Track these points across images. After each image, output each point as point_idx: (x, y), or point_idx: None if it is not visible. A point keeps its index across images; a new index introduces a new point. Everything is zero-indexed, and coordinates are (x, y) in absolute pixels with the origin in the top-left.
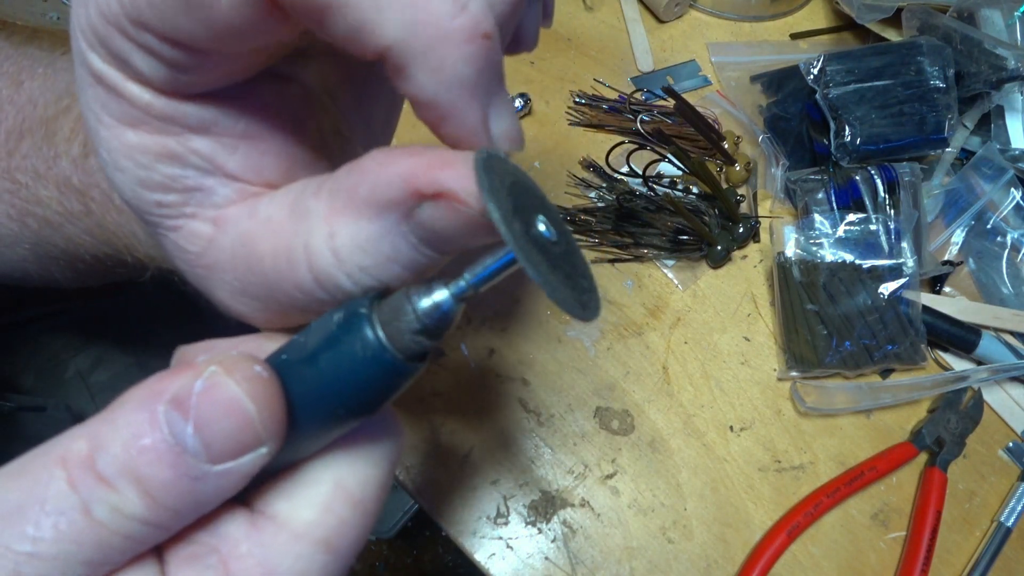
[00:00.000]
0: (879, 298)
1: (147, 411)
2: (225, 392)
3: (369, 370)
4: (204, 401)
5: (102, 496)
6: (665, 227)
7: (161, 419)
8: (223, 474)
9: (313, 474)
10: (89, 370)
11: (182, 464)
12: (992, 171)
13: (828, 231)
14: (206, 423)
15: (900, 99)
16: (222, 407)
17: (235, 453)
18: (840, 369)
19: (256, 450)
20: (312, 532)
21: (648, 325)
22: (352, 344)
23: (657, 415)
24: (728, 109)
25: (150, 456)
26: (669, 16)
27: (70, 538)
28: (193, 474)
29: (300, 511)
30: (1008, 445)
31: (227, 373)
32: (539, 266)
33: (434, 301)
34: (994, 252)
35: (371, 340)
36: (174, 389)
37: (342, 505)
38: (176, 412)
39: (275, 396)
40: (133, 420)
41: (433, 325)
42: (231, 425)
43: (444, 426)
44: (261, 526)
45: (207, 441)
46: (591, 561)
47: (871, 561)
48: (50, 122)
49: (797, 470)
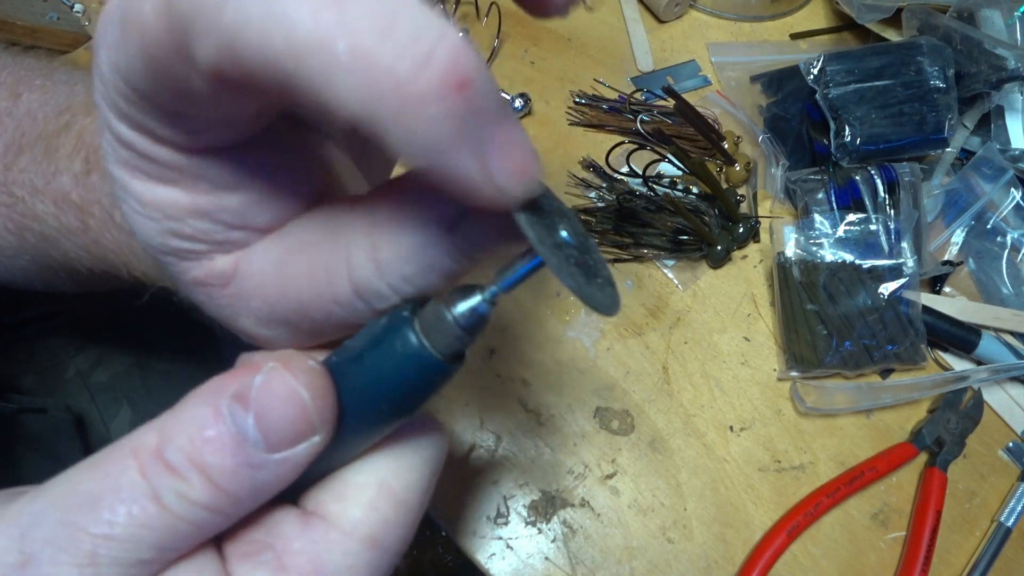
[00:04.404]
0: (879, 298)
1: (211, 405)
2: (283, 383)
3: (412, 369)
4: (264, 393)
5: (170, 484)
6: (665, 227)
7: (225, 411)
8: (280, 462)
9: (359, 476)
10: (89, 370)
11: (243, 453)
12: (992, 171)
13: (828, 231)
14: (265, 414)
15: (900, 99)
16: (280, 397)
17: (292, 441)
18: (840, 369)
19: (310, 439)
20: (359, 530)
21: (648, 325)
22: (396, 345)
23: (657, 415)
24: (728, 109)
25: (214, 446)
26: (669, 16)
27: (141, 523)
28: (253, 462)
29: (348, 510)
30: (1008, 445)
31: (284, 367)
32: (566, 270)
33: (470, 305)
34: (994, 252)
35: (413, 341)
36: (236, 385)
37: (387, 504)
38: (238, 405)
39: (327, 387)
40: (198, 414)
41: (470, 327)
42: (288, 414)
43: (444, 426)
44: (312, 524)
45: (266, 431)
46: (591, 561)
47: (871, 561)
48: (51, 138)
49: (797, 470)
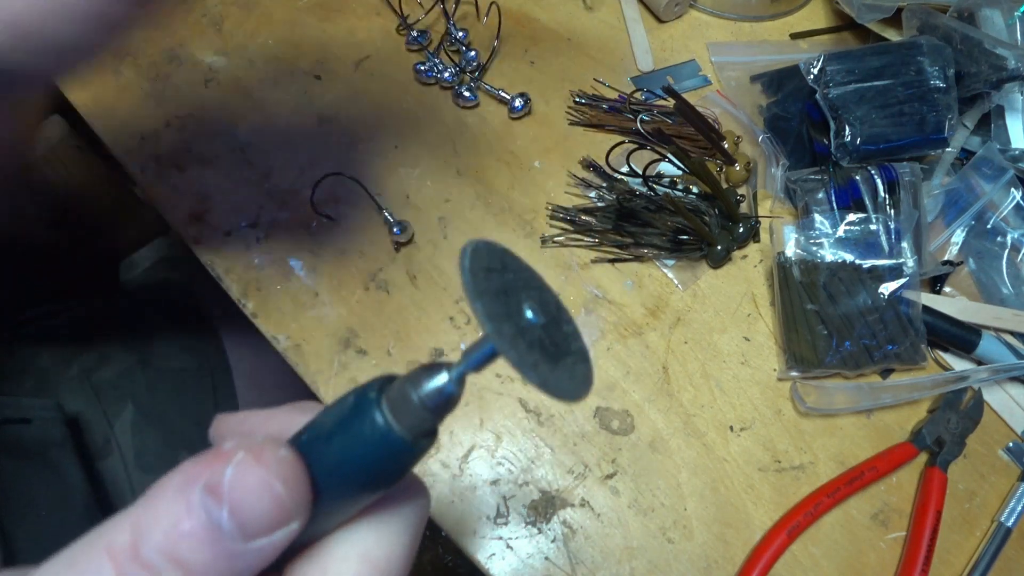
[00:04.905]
0: (879, 298)
1: (184, 498)
2: (255, 476)
3: (380, 450)
4: (236, 487)
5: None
6: (665, 227)
7: (197, 505)
8: (258, 550)
9: (341, 548)
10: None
11: (220, 544)
12: (992, 171)
13: (828, 231)
14: (239, 506)
15: (900, 99)
16: (253, 490)
17: (268, 530)
18: (840, 369)
19: (287, 526)
20: None
21: (648, 325)
22: (364, 427)
23: (657, 415)
24: (728, 109)
25: (190, 541)
26: (669, 16)
27: None
28: (231, 552)
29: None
30: (1008, 445)
31: (256, 459)
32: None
33: (436, 386)
34: (994, 252)
35: (380, 423)
36: (207, 476)
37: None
38: (211, 498)
39: (300, 476)
40: (172, 508)
41: (436, 407)
42: (263, 505)
43: (444, 426)
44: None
45: (241, 522)
46: (591, 561)
47: (871, 561)
48: None
49: (797, 470)
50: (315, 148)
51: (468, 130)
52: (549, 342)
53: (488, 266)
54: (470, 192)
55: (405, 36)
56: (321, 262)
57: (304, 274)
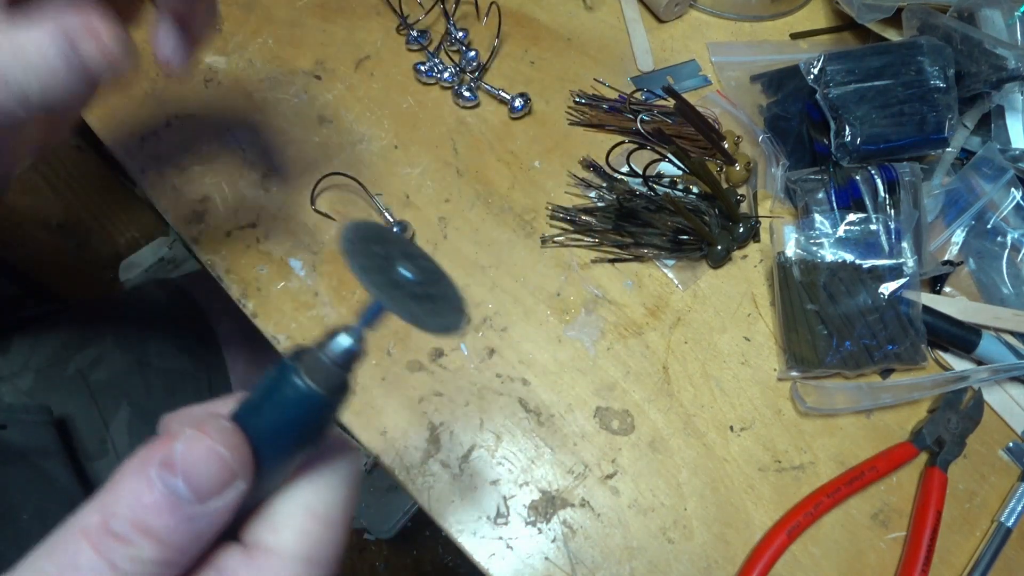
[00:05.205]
0: (879, 298)
1: (143, 476)
2: (202, 445)
3: (303, 407)
4: (187, 457)
5: (123, 552)
6: (665, 227)
7: (156, 479)
8: (213, 510)
9: (287, 505)
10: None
11: (179, 509)
12: (992, 171)
13: (828, 231)
14: (191, 472)
15: (900, 99)
16: (202, 458)
17: (218, 491)
18: (840, 369)
19: (235, 485)
20: (295, 552)
21: (648, 325)
22: (286, 390)
23: (657, 415)
24: (728, 109)
25: (154, 509)
26: (669, 16)
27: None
28: (189, 515)
29: (282, 537)
30: (1008, 445)
31: (201, 431)
32: (402, 305)
33: (339, 344)
34: (994, 252)
35: (300, 385)
36: (162, 454)
37: (314, 525)
38: (166, 471)
39: (240, 440)
40: (133, 486)
41: (343, 362)
42: (211, 469)
43: (444, 426)
44: (253, 555)
45: (195, 486)
46: (591, 561)
47: (871, 561)
48: None
49: (797, 470)
50: (315, 148)
51: (468, 130)
52: (424, 293)
53: (366, 238)
54: (470, 192)
55: (405, 36)
56: (321, 262)
57: (304, 274)
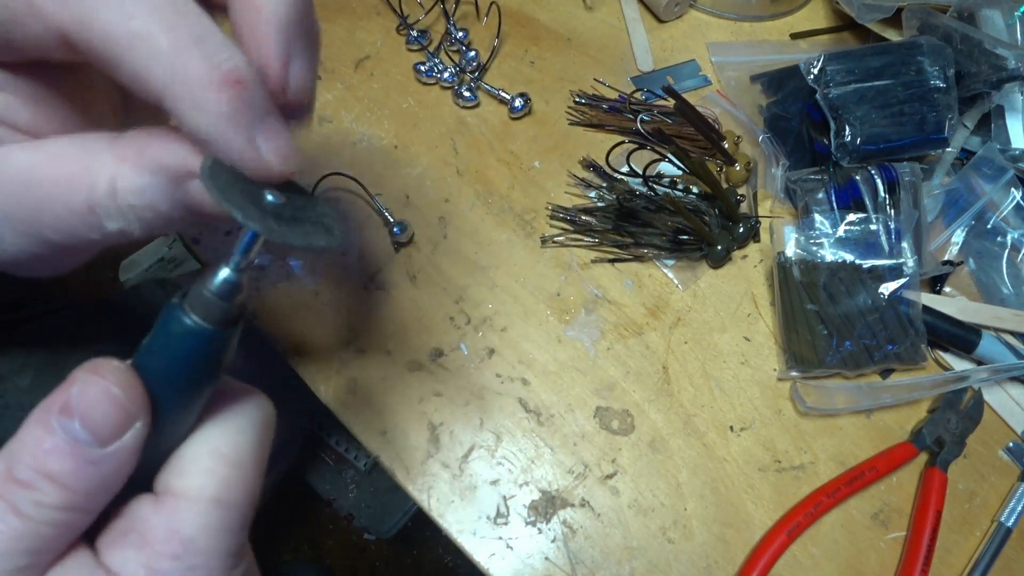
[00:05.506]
0: (879, 298)
1: (42, 423)
2: (96, 386)
3: (193, 342)
4: (82, 400)
5: (26, 496)
6: (665, 227)
7: (55, 425)
8: (115, 453)
9: (192, 449)
10: None
11: (79, 453)
12: (992, 171)
13: (828, 231)
14: (88, 414)
15: (900, 99)
16: (97, 399)
17: (118, 432)
18: (840, 369)
19: (133, 426)
20: (203, 494)
21: (648, 325)
22: (174, 328)
23: (657, 415)
24: (728, 109)
25: (54, 455)
26: (669, 16)
27: (8, 536)
28: (91, 459)
29: (190, 481)
30: (1008, 445)
31: (94, 373)
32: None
33: (221, 277)
34: (994, 252)
35: (186, 321)
36: (59, 401)
37: (222, 467)
38: (64, 416)
39: (133, 379)
40: (34, 434)
41: (225, 294)
42: (106, 410)
43: (444, 426)
44: (163, 501)
45: (92, 428)
46: (591, 561)
47: (871, 561)
48: None
49: (797, 470)
50: (315, 148)
51: (468, 130)
52: (293, 216)
53: (229, 172)
54: (470, 192)
55: (405, 36)
56: (321, 262)
57: (304, 274)
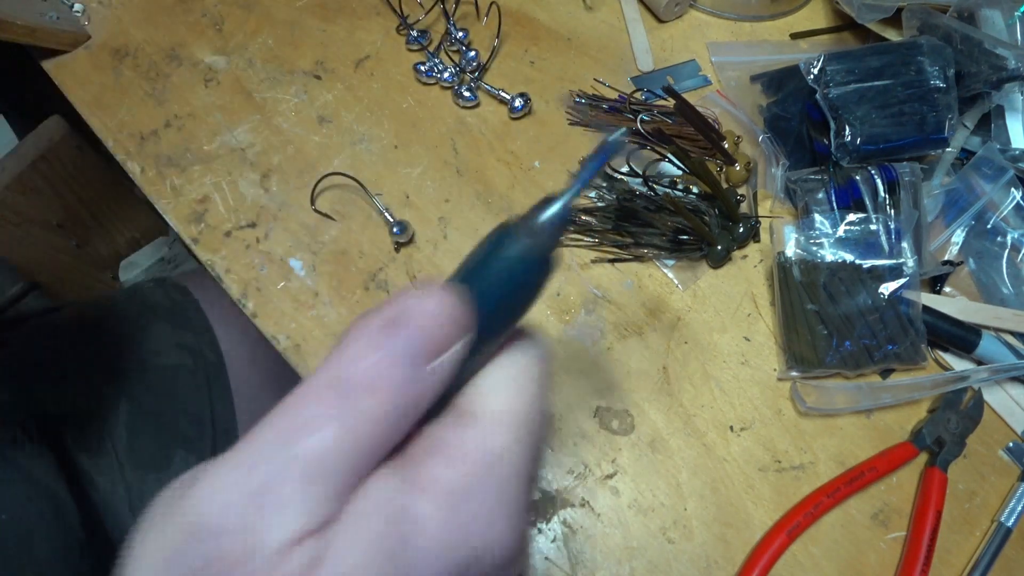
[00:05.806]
0: (879, 298)
1: (367, 337)
2: (431, 301)
3: (521, 268)
4: (415, 314)
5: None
6: (665, 227)
7: (382, 338)
8: (435, 370)
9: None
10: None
11: (406, 367)
12: (992, 171)
13: (828, 231)
14: (418, 330)
15: (900, 99)
16: (429, 314)
17: (440, 350)
18: (840, 369)
19: (457, 344)
20: (505, 417)
21: (648, 325)
22: (510, 251)
23: (657, 415)
24: (728, 109)
25: (380, 367)
26: (669, 16)
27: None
28: (412, 376)
29: (496, 402)
30: (1008, 445)
31: (425, 292)
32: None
33: (553, 211)
34: (994, 252)
35: (524, 244)
36: (386, 315)
37: (527, 391)
38: (392, 329)
39: (462, 299)
40: (359, 347)
41: (558, 225)
42: (437, 326)
43: None
44: (466, 422)
45: (422, 344)
46: (591, 561)
47: (871, 561)
48: None
49: (797, 470)
50: (315, 148)
51: (468, 130)
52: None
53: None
54: (470, 192)
55: (405, 36)
56: (321, 262)
57: (304, 274)
